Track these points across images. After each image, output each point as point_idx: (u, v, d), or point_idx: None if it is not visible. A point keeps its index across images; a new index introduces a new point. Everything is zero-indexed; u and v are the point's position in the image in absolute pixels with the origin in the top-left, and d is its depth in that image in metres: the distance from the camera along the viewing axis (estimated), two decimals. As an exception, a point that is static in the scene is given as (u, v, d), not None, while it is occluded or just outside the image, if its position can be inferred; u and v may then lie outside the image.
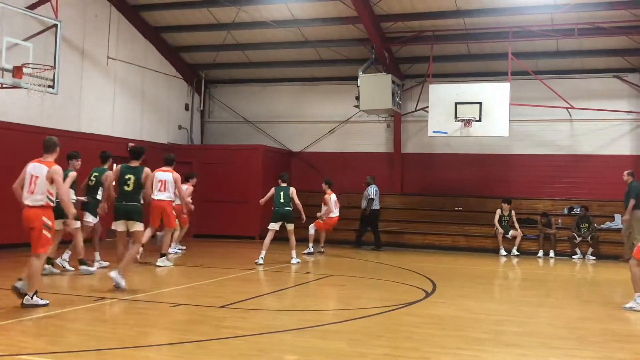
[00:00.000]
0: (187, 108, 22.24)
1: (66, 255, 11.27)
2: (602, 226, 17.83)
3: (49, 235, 8.00)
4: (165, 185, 12.61)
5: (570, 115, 19.02)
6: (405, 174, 20.46)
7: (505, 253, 17.31)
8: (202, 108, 22.80)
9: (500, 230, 17.51)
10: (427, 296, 9.78)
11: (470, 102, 17.61)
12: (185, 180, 14.80)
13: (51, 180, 7.99)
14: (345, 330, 7.30)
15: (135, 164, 9.97)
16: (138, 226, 9.68)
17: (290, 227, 13.78)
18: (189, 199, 14.44)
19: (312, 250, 16.02)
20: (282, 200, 13.60)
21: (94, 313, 7.97)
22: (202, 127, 22.93)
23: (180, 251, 15.28)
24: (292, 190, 13.84)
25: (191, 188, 15.31)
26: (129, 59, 19.24)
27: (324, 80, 21.66)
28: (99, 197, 11.49)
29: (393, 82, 18.66)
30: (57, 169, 8.13)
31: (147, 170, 9.94)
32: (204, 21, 19.59)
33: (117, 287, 9.27)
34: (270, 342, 6.64)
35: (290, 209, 13.68)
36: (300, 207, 14.00)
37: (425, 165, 20.37)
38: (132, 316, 7.87)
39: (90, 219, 11.56)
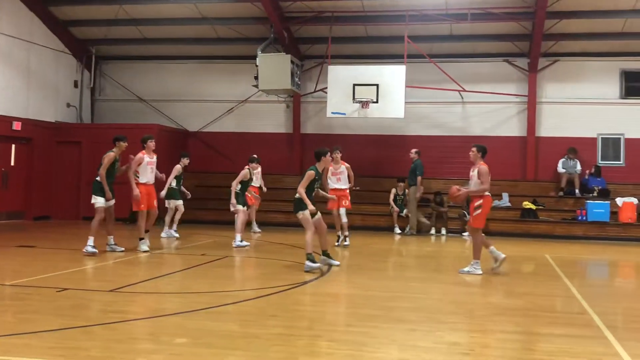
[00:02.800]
0: (76, 85, 21.21)
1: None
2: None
3: None
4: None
5: (463, 98, 19.65)
6: (305, 154, 20.45)
7: (399, 231, 17.74)
8: (92, 85, 21.79)
9: (396, 208, 17.92)
10: (322, 275, 9.84)
11: (368, 84, 17.88)
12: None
13: None
14: (238, 311, 7.21)
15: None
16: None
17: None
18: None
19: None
20: None
21: (-30, 301, 7.48)
22: (92, 105, 21.96)
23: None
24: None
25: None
26: (12, 33, 18.11)
27: (222, 58, 21.27)
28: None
29: (292, 62, 18.58)
30: None
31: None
32: (95, -6, 18.75)
33: None
34: (159, 325, 6.46)
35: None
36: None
37: (325, 146, 20.42)
38: (14, 302, 7.48)
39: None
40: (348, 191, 14.22)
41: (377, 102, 17.73)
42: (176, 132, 21.06)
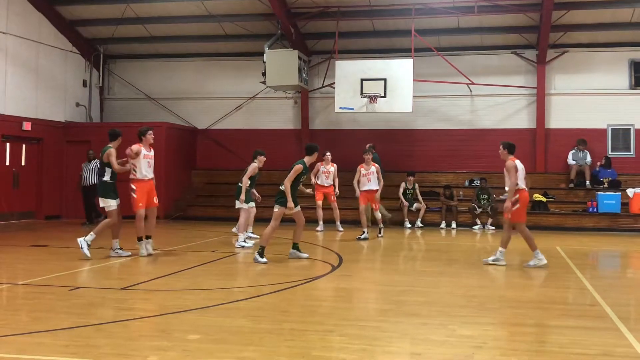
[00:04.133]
0: (85, 84, 21.31)
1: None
2: (501, 197, 18.51)
3: None
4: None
5: (471, 91, 19.59)
6: (313, 150, 20.42)
7: (409, 225, 17.74)
8: (101, 84, 21.90)
9: (405, 203, 17.91)
10: (333, 270, 9.85)
11: (375, 79, 17.85)
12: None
13: None
14: (250, 307, 7.23)
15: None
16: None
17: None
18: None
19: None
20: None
21: (-16, 300, 7.55)
22: (101, 104, 22.07)
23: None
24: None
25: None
26: (20, 34, 18.22)
27: (229, 55, 21.29)
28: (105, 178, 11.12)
29: (299, 58, 18.60)
30: None
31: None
32: (101, -7, 18.81)
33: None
34: (172, 322, 6.48)
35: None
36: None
37: (333, 141, 20.43)
38: (27, 301, 7.51)
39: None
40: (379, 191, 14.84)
41: (385, 96, 17.71)
42: (185, 130, 21.12)
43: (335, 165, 16.07)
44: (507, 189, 10.63)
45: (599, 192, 17.63)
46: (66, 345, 5.58)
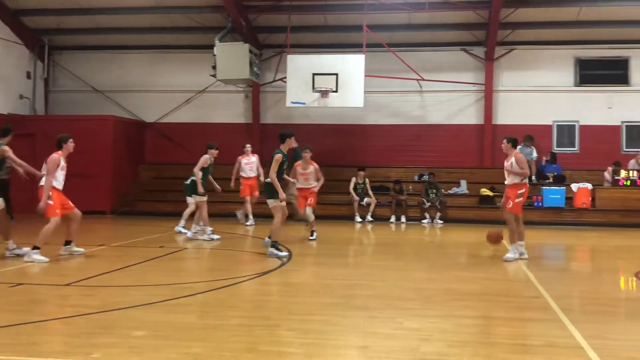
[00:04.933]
0: (29, 76, 20.67)
1: None
2: (449, 192, 18.83)
3: None
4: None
5: (421, 87, 19.77)
6: (264, 144, 20.31)
7: (360, 219, 17.83)
8: (46, 76, 21.28)
9: (356, 197, 17.99)
10: (282, 265, 9.82)
11: (327, 74, 17.84)
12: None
13: None
14: (197, 302, 7.14)
15: None
16: None
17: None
18: None
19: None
20: None
21: None
22: (46, 97, 21.45)
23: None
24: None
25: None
26: (-41, 22, 17.58)
27: (179, 48, 20.99)
28: None
29: (251, 51, 18.44)
30: None
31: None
32: (46, -18, 18.29)
33: None
34: (116, 318, 6.36)
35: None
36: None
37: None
38: (-36, 299, 7.25)
39: None
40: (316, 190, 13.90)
41: (336, 91, 17.72)
42: (133, 123, 20.74)
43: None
44: (506, 182, 10.79)
45: (544, 187, 18.05)
46: (6, 343, 5.40)
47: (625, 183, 17.72)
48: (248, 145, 16.56)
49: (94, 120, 19.29)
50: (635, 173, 17.73)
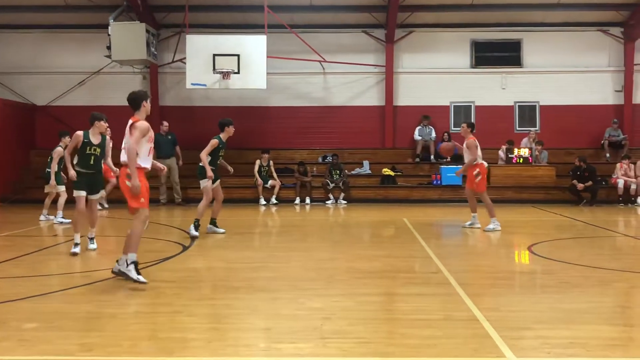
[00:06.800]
0: None
1: None
2: (352, 172, 19.07)
3: None
4: None
5: (324, 69, 19.83)
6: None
7: (264, 202, 17.76)
8: None
9: (260, 180, 17.88)
10: (184, 250, 9.63)
11: (228, 55, 17.52)
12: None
13: None
14: (93, 291, 6.87)
15: None
16: None
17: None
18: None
19: None
20: None
21: None
22: None
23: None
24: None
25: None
26: None
27: (71, 27, 20.03)
28: None
29: (148, 31, 17.85)
30: None
31: None
32: None
33: None
34: (7, 311, 6.03)
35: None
36: None
37: (186, 119, 19.94)
38: None
39: None
40: None
41: (238, 72, 17.46)
42: (22, 107, 19.65)
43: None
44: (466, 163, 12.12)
45: (442, 166, 18.60)
46: None
47: (518, 161, 18.54)
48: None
49: (-22, 103, 18.13)
50: (527, 151, 18.57)
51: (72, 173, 9.57)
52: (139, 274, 6.97)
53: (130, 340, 5.09)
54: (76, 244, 9.23)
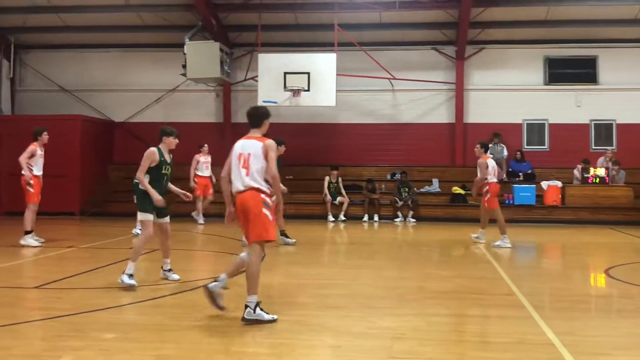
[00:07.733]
0: (-6, 76, 20.29)
1: None
2: (422, 190, 18.92)
3: None
4: None
5: (393, 86, 19.82)
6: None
7: (332, 219, 17.83)
8: (12, 76, 20.89)
9: (329, 197, 17.98)
10: (255, 265, 9.73)
11: (298, 72, 17.77)
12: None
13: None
14: (168, 304, 7.07)
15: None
16: None
17: None
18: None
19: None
20: None
21: None
22: (12, 97, 21.05)
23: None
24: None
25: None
26: None
27: (149, 46, 20.74)
28: None
29: (221, 50, 18.33)
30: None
31: None
32: (9, -20, 17.94)
33: None
34: (87, 321, 6.26)
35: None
36: None
37: (279, 137, 20.22)
38: None
39: None
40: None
41: (308, 90, 17.68)
42: (101, 123, 20.46)
43: None
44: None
45: (515, 185, 18.23)
46: (-30, 348, 5.28)
47: (594, 180, 17.98)
48: (205, 145, 16.96)
49: (61, 120, 18.91)
50: (603, 171, 18.00)
51: (157, 197, 8.25)
52: (267, 313, 6.21)
53: (205, 354, 5.21)
54: (130, 275, 7.83)
